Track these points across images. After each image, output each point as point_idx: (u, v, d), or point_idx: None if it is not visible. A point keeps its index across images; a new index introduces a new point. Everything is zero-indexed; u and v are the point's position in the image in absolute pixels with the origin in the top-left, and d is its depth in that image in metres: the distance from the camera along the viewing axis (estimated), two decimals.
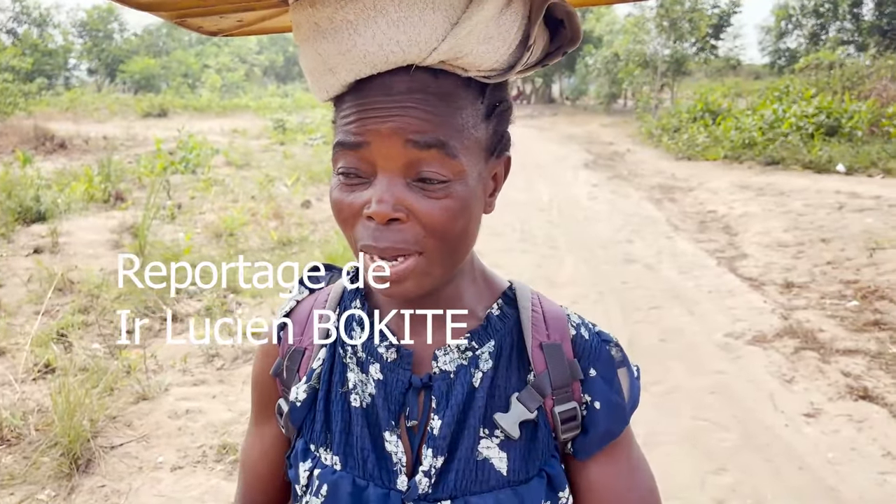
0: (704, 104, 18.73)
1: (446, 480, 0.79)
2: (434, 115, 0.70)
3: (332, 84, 0.74)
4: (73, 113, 27.07)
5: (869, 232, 7.49)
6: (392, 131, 0.70)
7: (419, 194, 0.71)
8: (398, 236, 0.72)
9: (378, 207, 0.70)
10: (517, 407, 0.80)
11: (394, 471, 0.80)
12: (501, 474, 0.79)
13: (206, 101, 33.80)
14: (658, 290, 6.04)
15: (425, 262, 0.74)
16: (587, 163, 15.00)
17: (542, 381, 0.82)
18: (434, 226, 0.72)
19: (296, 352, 0.90)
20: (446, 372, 0.81)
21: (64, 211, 8.46)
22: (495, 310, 0.86)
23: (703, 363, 4.56)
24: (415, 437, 0.81)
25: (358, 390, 0.83)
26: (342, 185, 0.75)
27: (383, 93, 0.71)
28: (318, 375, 0.87)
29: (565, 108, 35.07)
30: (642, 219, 9.15)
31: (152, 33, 58.88)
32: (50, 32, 51.95)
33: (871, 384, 4.20)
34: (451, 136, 0.71)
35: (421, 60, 0.69)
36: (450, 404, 0.80)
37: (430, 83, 0.71)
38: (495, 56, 0.72)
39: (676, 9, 25.66)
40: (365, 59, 0.69)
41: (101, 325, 4.85)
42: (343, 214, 0.75)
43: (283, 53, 67.81)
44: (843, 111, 14.79)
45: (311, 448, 0.85)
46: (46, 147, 16.13)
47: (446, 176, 0.71)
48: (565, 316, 0.88)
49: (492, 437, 0.80)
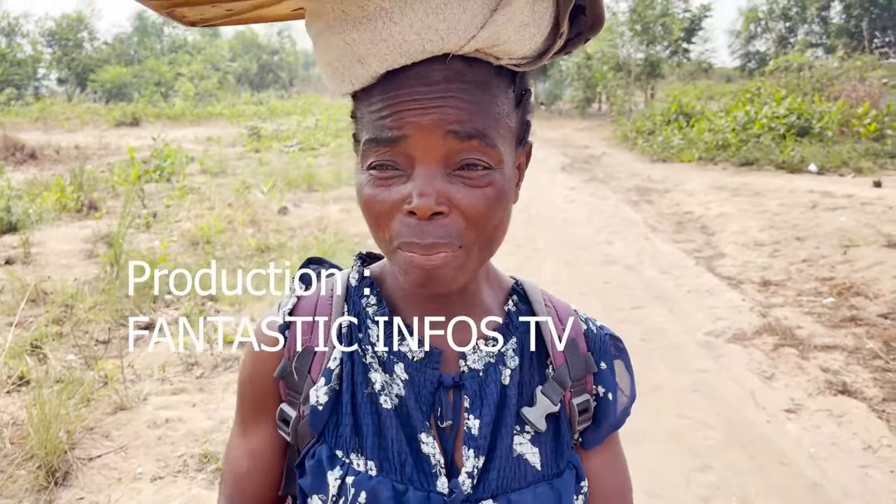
0: (678, 107, 18.93)
1: (488, 479, 0.78)
2: (473, 104, 0.69)
3: (360, 76, 0.71)
4: (43, 123, 26.70)
5: (842, 230, 7.59)
6: (434, 123, 0.68)
7: (459, 185, 0.70)
8: (442, 231, 0.70)
9: (421, 201, 0.68)
10: (543, 400, 0.81)
11: (432, 473, 0.77)
12: (536, 469, 0.80)
13: (180, 110, 33.50)
14: (638, 290, 6.07)
15: (464, 256, 0.72)
16: (564, 166, 15.07)
17: (563, 374, 0.83)
18: (476, 216, 0.70)
19: (305, 353, 0.84)
20: (475, 370, 0.80)
21: (36, 221, 8.31)
22: (511, 307, 0.87)
23: (685, 362, 4.58)
24: (446, 437, 0.79)
25: (386, 391, 0.79)
26: (376, 180, 0.72)
27: (420, 83, 0.69)
28: (337, 376, 0.81)
29: (540, 112, 35.21)
30: (620, 220, 9.21)
31: (123, 42, 58.37)
32: (18, 42, 51.29)
33: (849, 379, 4.25)
34: (489, 126, 0.70)
35: (458, 49, 0.67)
36: (485, 403, 0.79)
37: (465, 72, 0.69)
38: (529, 43, 0.71)
39: (649, 13, 25.94)
40: (401, 49, 0.67)
41: (77, 336, 4.76)
42: (377, 211, 0.72)
43: (256, 61, 67.52)
44: (813, 112, 15.03)
45: (338, 454, 0.80)
46: (16, 157, 15.86)
47: (488, 163, 0.70)
48: (573, 311, 0.91)
49: (523, 433, 0.80)
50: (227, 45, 63.94)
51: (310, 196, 10.99)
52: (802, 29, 38.96)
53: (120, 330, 4.92)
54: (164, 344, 4.55)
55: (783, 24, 39.04)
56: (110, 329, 4.87)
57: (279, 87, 66.81)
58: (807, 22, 38.65)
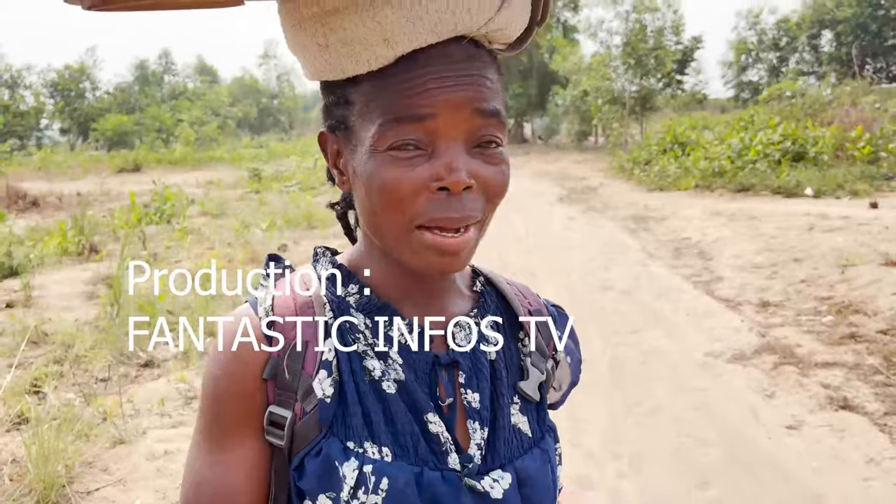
0: (673, 136, 19.09)
1: (496, 450, 0.80)
2: (492, 83, 0.73)
3: (383, 55, 0.71)
4: (45, 172, 26.96)
5: (839, 250, 7.61)
6: (464, 101, 0.70)
7: (479, 161, 0.72)
8: (470, 204, 0.72)
9: (454, 176, 0.69)
10: (534, 372, 0.86)
11: (442, 451, 0.77)
12: (528, 436, 0.84)
13: (181, 155, 33.86)
14: (636, 314, 6.08)
15: (478, 232, 0.75)
16: (561, 197, 15.17)
17: (539, 343, 0.89)
18: (496, 191, 0.74)
19: (295, 349, 0.80)
20: (464, 348, 0.83)
21: (37, 265, 8.37)
22: (480, 287, 0.91)
23: (685, 382, 4.58)
24: (446, 415, 0.80)
25: (386, 377, 0.79)
26: (397, 161, 0.71)
27: (444, 62, 0.70)
28: (336, 368, 0.79)
29: (537, 147, 35.54)
30: (618, 247, 9.24)
31: (125, 91, 59.19)
32: (21, 93, 52.02)
33: (850, 394, 4.23)
34: (501, 104, 0.74)
35: (478, 29, 0.70)
36: (481, 377, 0.82)
37: (478, 53, 0.73)
38: (520, 28, 0.76)
39: (641, 46, 26.31)
40: (436, 27, 0.68)
41: (76, 374, 4.77)
42: (400, 193, 0.71)
43: (256, 105, 68.37)
44: (807, 137, 15.14)
45: (350, 446, 0.76)
46: (19, 206, 16.00)
47: (500, 140, 0.74)
48: (530, 289, 0.99)
49: (513, 404, 0.84)
50: (226, 90, 64.89)
51: (310, 234, 11.05)
52: (794, 58, 39.46)
53: (120, 368, 4.93)
54: (163, 379, 4.56)
55: (774, 54, 39.53)
56: (110, 367, 4.87)
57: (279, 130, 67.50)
58: (797, 51, 39.16)
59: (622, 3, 27.09)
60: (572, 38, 37.39)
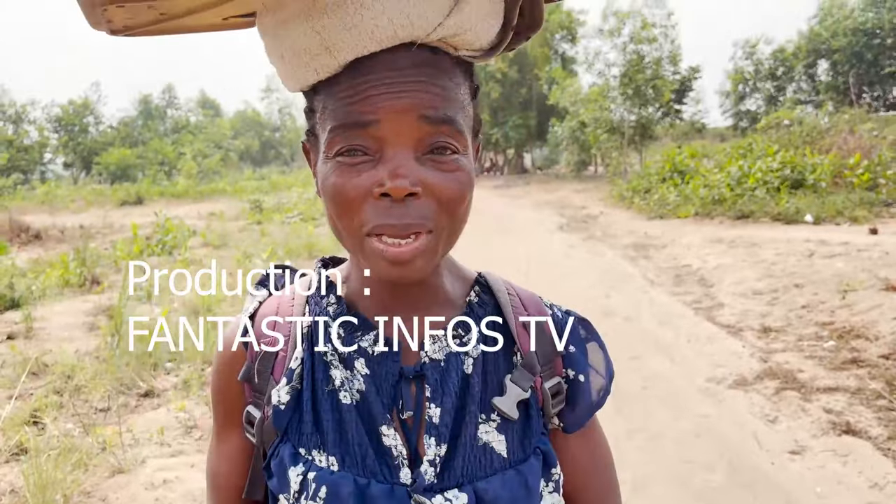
0: (672, 165, 19.19)
1: (452, 468, 0.77)
2: (443, 90, 0.71)
3: (327, 64, 0.71)
4: (48, 206, 27.08)
5: (840, 276, 7.60)
6: (407, 107, 0.69)
7: (431, 168, 0.71)
8: (415, 212, 0.70)
9: (395, 182, 0.68)
10: (513, 388, 0.80)
11: (395, 465, 0.76)
12: (503, 456, 0.79)
13: (183, 188, 34.01)
14: (638, 340, 6.06)
15: (434, 241, 0.72)
16: (561, 226, 15.20)
17: (531, 359, 0.83)
18: (449, 199, 0.71)
19: (267, 354, 0.84)
20: (436, 360, 0.80)
21: (39, 297, 8.37)
22: (473, 297, 0.86)
23: (687, 408, 4.55)
24: (410, 429, 0.78)
25: (346, 387, 0.79)
26: (344, 167, 0.71)
27: (389, 69, 0.69)
28: (298, 375, 0.82)
29: (537, 177, 35.71)
30: (618, 275, 9.24)
31: (128, 125, 59.66)
32: (25, 128, 52.48)
33: (853, 419, 4.21)
34: (457, 112, 0.72)
35: (426, 36, 0.69)
36: (446, 391, 0.78)
37: (430, 60, 0.71)
38: (487, 34, 0.74)
39: (639, 77, 26.55)
40: (373, 35, 0.68)
41: (76, 405, 4.76)
42: (346, 198, 0.71)
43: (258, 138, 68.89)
44: (806, 165, 15.22)
45: (301, 452, 0.80)
46: (21, 238, 16.04)
47: (456, 148, 0.72)
48: (539, 298, 0.92)
49: (489, 422, 0.80)
50: (228, 124, 65.40)
51: (311, 263, 10.86)
52: (790, 87, 39.78)
53: (119, 398, 4.91)
54: (163, 409, 4.54)
55: (771, 83, 39.88)
56: (110, 397, 4.86)
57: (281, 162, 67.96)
58: (794, 80, 39.50)
59: (619, 35, 27.38)
60: (571, 70, 37.77)
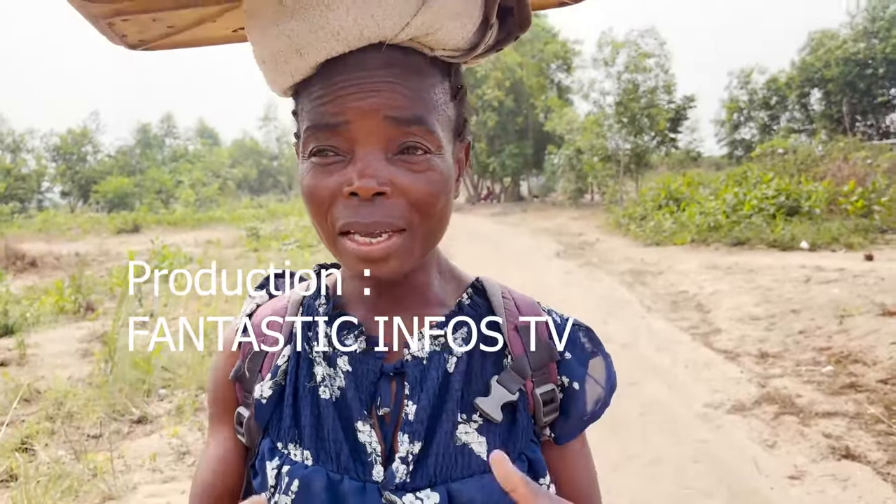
0: (668, 192, 19.27)
1: (425, 467, 0.75)
2: (412, 90, 0.71)
3: (299, 67, 0.72)
4: (45, 234, 27.06)
5: (836, 301, 7.60)
6: (374, 107, 0.69)
7: (401, 168, 0.71)
8: (384, 211, 0.70)
9: (362, 182, 0.68)
10: (498, 389, 0.79)
11: (368, 462, 0.76)
12: (481, 458, 0.77)
13: (180, 216, 34.05)
14: (635, 366, 6.03)
15: (409, 240, 0.72)
16: (559, 252, 15.21)
17: (521, 362, 0.81)
18: (419, 199, 0.71)
19: (257, 354, 0.85)
20: (419, 358, 0.79)
21: (33, 324, 8.33)
22: (465, 298, 0.85)
23: (685, 433, 4.52)
24: (387, 426, 0.78)
25: (327, 383, 0.79)
26: (316, 168, 0.72)
27: (358, 69, 0.70)
28: (283, 372, 0.83)
29: (534, 204, 35.82)
30: (615, 301, 9.23)
31: (126, 154, 59.87)
32: (23, 157, 52.66)
33: (852, 444, 4.18)
34: (428, 112, 0.72)
35: (394, 35, 0.69)
36: (424, 388, 0.77)
37: (401, 60, 0.71)
38: (462, 33, 0.73)
39: (634, 105, 26.78)
40: (339, 36, 0.68)
41: (68, 431, 4.70)
42: (319, 198, 0.72)
43: (256, 167, 69.16)
44: (801, 192, 15.29)
45: (279, 446, 0.80)
46: (17, 266, 16.00)
47: (428, 148, 0.71)
48: (536, 303, 0.90)
49: (470, 423, 0.78)
50: (227, 152, 65.73)
51: None
52: (784, 116, 40.09)
53: (112, 424, 4.86)
54: (155, 435, 4.50)
55: (765, 112, 40.18)
56: (102, 423, 4.81)
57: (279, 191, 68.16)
58: (788, 109, 39.81)
59: (614, 64, 27.66)
60: (566, 99, 38.09)
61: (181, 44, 0.88)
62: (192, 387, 5.50)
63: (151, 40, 0.84)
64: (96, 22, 0.78)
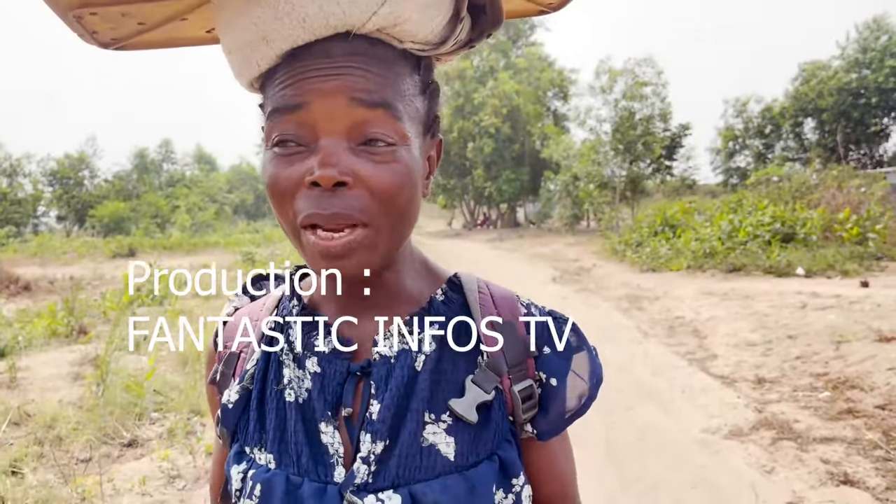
0: (663, 218, 19.32)
1: (387, 468, 0.73)
2: (378, 76, 0.69)
3: (266, 55, 0.71)
4: (39, 258, 26.98)
5: (833, 327, 7.58)
6: (336, 89, 0.67)
7: (365, 158, 0.69)
8: (345, 202, 0.68)
9: (323, 171, 0.66)
10: (473, 389, 0.76)
11: (330, 463, 0.74)
12: (448, 460, 0.75)
13: (176, 240, 34.01)
14: (632, 391, 5.99)
15: (373, 234, 0.70)
16: (555, 278, 15.20)
17: (497, 360, 0.79)
18: (382, 191, 0.69)
19: (231, 356, 0.85)
20: (386, 357, 0.77)
21: (24, 347, 8.26)
22: (439, 295, 0.83)
23: (682, 459, 4.47)
24: (353, 427, 0.76)
25: (293, 385, 0.78)
26: (278, 158, 0.70)
27: (323, 55, 0.69)
28: (251, 376, 0.82)
29: (530, 230, 35.89)
30: (612, 326, 9.19)
31: (123, 178, 59.89)
32: (20, 182, 52.65)
33: (851, 469, 4.13)
34: (395, 99, 0.70)
35: (361, 25, 0.68)
36: (389, 388, 0.75)
37: (368, 50, 0.70)
38: (430, 26, 0.72)
39: (630, 133, 26.96)
40: (304, 24, 0.67)
41: (56, 455, 4.63)
42: (280, 189, 0.70)
43: (253, 192, 69.23)
44: (796, 219, 15.35)
45: (246, 450, 0.80)
46: (10, 290, 15.92)
47: (393, 139, 0.69)
48: (514, 296, 0.88)
49: (438, 423, 0.76)
50: (224, 178, 65.83)
51: None
52: (779, 145, 40.33)
53: (102, 448, 4.80)
54: (146, 458, 4.43)
55: (760, 140, 40.45)
56: (91, 446, 4.74)
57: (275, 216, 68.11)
58: (782, 138, 40.08)
59: (611, 92, 27.89)
60: (562, 126, 38.35)
61: (155, 44, 0.86)
62: (185, 410, 5.43)
63: (123, 38, 0.82)
64: (65, 16, 0.76)
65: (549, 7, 0.88)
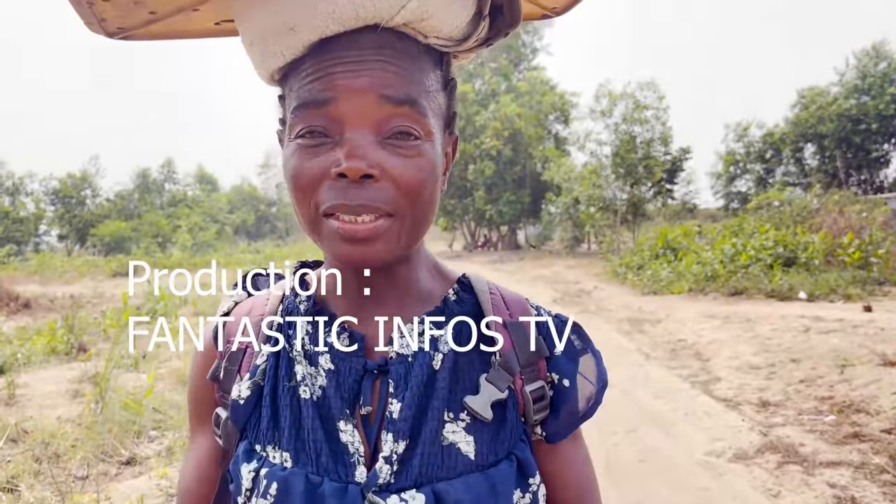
0: (665, 241, 19.32)
1: (410, 467, 0.72)
2: (405, 71, 0.70)
3: (292, 45, 0.70)
4: (40, 276, 26.96)
5: (836, 351, 7.54)
6: (366, 86, 0.68)
7: (390, 152, 0.69)
8: (371, 194, 0.68)
9: (351, 163, 0.67)
10: (487, 388, 0.76)
11: (351, 462, 0.73)
12: (469, 458, 0.74)
13: (177, 259, 33.98)
14: (634, 413, 5.94)
15: (397, 225, 0.71)
16: (555, 300, 15.15)
17: (510, 359, 0.79)
18: (408, 185, 0.69)
19: (235, 353, 0.83)
20: (403, 356, 0.76)
21: (23, 364, 8.22)
22: (451, 294, 0.84)
23: (686, 482, 4.41)
24: (371, 426, 0.75)
25: (307, 382, 0.77)
26: (303, 149, 0.70)
27: (351, 48, 0.68)
28: (262, 371, 0.80)
29: (531, 253, 35.86)
30: (613, 349, 9.14)
31: (125, 198, 60.04)
32: (22, 201, 52.79)
33: (858, 494, 4.08)
34: (420, 95, 0.71)
35: (390, 18, 0.68)
36: (409, 387, 0.75)
37: (395, 43, 0.70)
38: (455, 22, 0.73)
39: (631, 157, 27.04)
40: (333, 15, 0.67)
41: (54, 472, 4.58)
42: (304, 181, 0.70)
43: (254, 212, 69.37)
44: (798, 243, 15.35)
45: (257, 448, 0.77)
46: (10, 307, 15.89)
47: (419, 134, 0.70)
48: (524, 299, 0.88)
49: (457, 421, 0.75)
50: (225, 198, 65.99)
51: None
52: (780, 169, 40.44)
53: (99, 465, 4.74)
54: (144, 476, 4.38)
55: (760, 165, 40.57)
56: (88, 464, 4.69)
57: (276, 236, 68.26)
58: (783, 163, 40.19)
59: (611, 115, 28.02)
60: (563, 150, 38.48)
61: (160, 35, 0.85)
62: (184, 428, 5.38)
63: (131, 28, 0.81)
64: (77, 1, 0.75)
65: (553, 11, 0.89)
